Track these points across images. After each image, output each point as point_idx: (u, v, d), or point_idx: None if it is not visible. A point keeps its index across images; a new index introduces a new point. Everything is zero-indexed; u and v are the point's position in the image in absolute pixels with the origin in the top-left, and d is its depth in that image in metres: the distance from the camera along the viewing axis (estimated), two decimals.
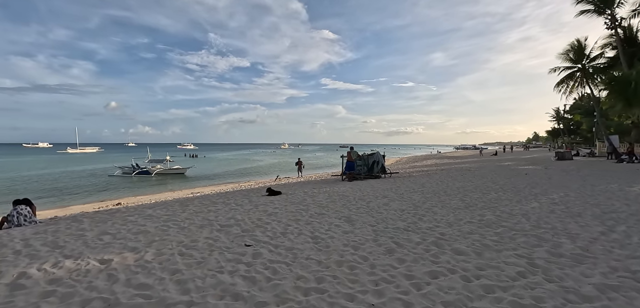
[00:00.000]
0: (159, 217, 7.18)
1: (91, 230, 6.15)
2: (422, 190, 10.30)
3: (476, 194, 9.32)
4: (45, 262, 4.47)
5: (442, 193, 9.64)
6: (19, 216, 8.23)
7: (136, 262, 4.38)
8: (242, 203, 8.74)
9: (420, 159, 46.95)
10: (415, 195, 9.31)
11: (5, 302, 3.44)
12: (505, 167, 20.56)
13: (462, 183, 11.75)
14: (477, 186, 11.00)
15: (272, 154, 78.01)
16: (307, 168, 37.03)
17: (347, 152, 14.78)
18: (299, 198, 9.22)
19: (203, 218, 6.78)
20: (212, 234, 5.56)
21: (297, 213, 7.04)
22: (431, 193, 9.56)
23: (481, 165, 24.55)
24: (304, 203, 8.23)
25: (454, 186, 11.12)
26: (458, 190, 10.07)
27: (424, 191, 10.03)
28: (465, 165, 24.79)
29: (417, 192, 9.77)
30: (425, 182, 12.42)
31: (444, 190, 10.12)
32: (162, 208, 8.46)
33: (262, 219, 6.50)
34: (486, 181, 12.33)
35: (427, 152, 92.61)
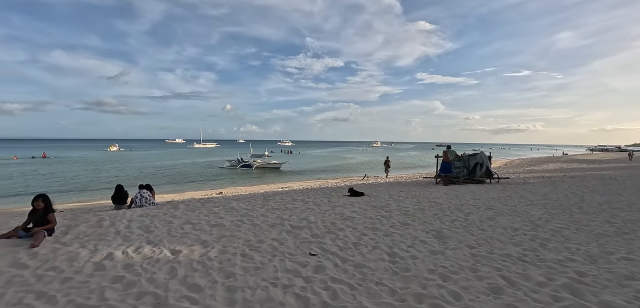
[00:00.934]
0: (239, 210, 7.29)
1: (180, 218, 6.57)
2: (544, 202, 7.96)
3: (632, 214, 6.62)
4: (130, 246, 4.79)
5: (576, 209, 7.20)
6: (142, 198, 9.68)
7: (200, 257, 4.27)
8: (320, 202, 8.27)
9: (538, 162, 38.90)
10: (533, 209, 7.19)
11: (83, 280, 3.66)
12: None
13: (606, 198, 8.70)
14: (631, 203, 7.94)
15: (363, 152, 77.50)
16: (398, 168, 35.02)
17: (443, 151, 12.87)
18: (382, 201, 8.22)
19: (277, 216, 6.53)
20: (280, 236, 5.17)
21: (376, 220, 6.12)
22: (558, 209, 7.24)
23: (633, 172, 18.55)
24: (386, 209, 7.21)
25: (594, 200, 8.29)
26: (600, 207, 7.39)
27: (546, 204, 7.71)
28: (608, 172, 19.09)
29: (536, 206, 7.56)
30: (547, 192, 9.72)
31: (578, 205, 7.59)
32: (245, 202, 8.70)
33: (336, 224, 5.82)
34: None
35: (549, 153, 76.66)
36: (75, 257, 4.45)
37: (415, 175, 23.25)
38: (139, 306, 3.07)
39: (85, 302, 3.15)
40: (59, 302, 3.18)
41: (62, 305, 3.12)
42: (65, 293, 3.37)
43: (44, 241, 5.23)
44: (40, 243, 5.10)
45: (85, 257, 4.43)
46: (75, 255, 4.51)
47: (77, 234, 5.58)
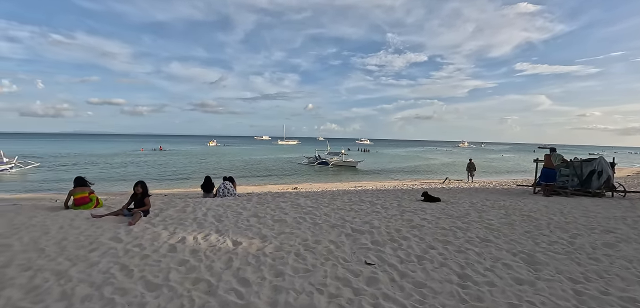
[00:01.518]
0: (304, 207, 7.31)
1: (249, 210, 6.92)
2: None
3: None
4: (201, 232, 5.19)
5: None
6: (225, 189, 10.67)
7: (256, 251, 4.33)
8: (388, 206, 7.73)
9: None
10: None
11: (157, 259, 4.07)
12: None
13: None
14: None
15: (447, 153, 71.25)
16: (487, 171, 31.05)
17: (545, 154, 10.71)
18: (460, 210, 7.21)
19: (340, 217, 6.30)
20: (338, 238, 4.93)
21: (449, 232, 5.34)
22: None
23: None
24: (464, 219, 6.27)
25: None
26: None
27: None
28: None
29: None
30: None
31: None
32: (312, 199, 8.72)
33: (401, 231, 5.28)
34: None
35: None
36: (157, 237, 5.02)
37: (508, 181, 20.19)
38: (193, 291, 3.23)
39: (152, 280, 3.46)
40: (134, 276, 3.57)
41: (135, 279, 3.49)
42: (140, 269, 3.78)
43: (140, 221, 6.09)
44: (136, 222, 5.95)
45: (164, 238, 4.95)
46: (157, 236, 5.09)
47: (164, 217, 6.34)
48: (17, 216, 6.55)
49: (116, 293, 3.16)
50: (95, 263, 3.94)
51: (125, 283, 3.39)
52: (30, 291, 3.21)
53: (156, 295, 3.15)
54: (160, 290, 3.25)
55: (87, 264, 3.91)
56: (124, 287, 3.30)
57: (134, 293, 3.18)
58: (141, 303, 2.98)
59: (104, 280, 3.45)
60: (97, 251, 4.37)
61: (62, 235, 5.09)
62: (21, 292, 3.18)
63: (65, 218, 6.25)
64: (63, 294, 3.13)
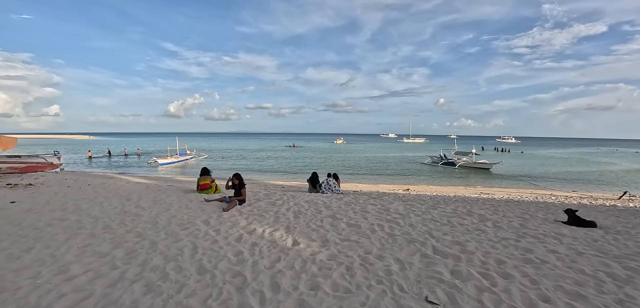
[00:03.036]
0: (391, 213, 6.41)
1: (331, 209, 6.60)
2: None
3: None
4: (272, 227, 5.23)
5: None
6: (327, 186, 10.88)
7: (309, 256, 3.97)
8: (504, 224, 5.86)
9: None
10: None
11: (222, 246, 4.32)
12: None
13: None
14: None
15: (636, 156, 51.30)
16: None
17: None
18: (627, 247, 4.70)
19: (426, 231, 5.15)
20: (409, 258, 3.97)
21: (591, 280, 3.43)
22: None
23: None
24: (627, 263, 4.00)
25: None
26: None
27: None
28: None
29: None
30: None
31: None
32: (408, 204, 7.64)
33: (505, 265, 3.77)
34: None
35: None
36: (235, 225, 5.34)
37: None
38: (228, 282, 3.27)
39: (205, 264, 3.73)
40: (195, 257, 3.93)
41: (195, 260, 3.82)
42: (204, 251, 4.10)
43: (234, 208, 6.70)
44: (229, 209, 6.57)
45: (240, 227, 5.22)
46: (236, 224, 5.41)
47: (255, 207, 6.76)
48: (160, 194, 8.35)
49: (174, 270, 3.52)
50: (180, 239, 4.52)
51: (186, 262, 3.77)
52: (129, 252, 4.06)
53: (198, 278, 3.34)
54: (204, 275, 3.43)
55: (174, 239, 4.53)
56: (182, 265, 3.66)
57: (185, 272, 3.50)
58: (183, 284, 3.22)
59: (175, 255, 3.98)
60: (187, 230, 4.99)
61: (175, 212, 6.10)
62: (123, 251, 4.08)
63: (188, 199, 7.53)
64: (144, 262, 3.77)
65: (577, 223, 6.00)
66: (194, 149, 42.70)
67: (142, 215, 5.93)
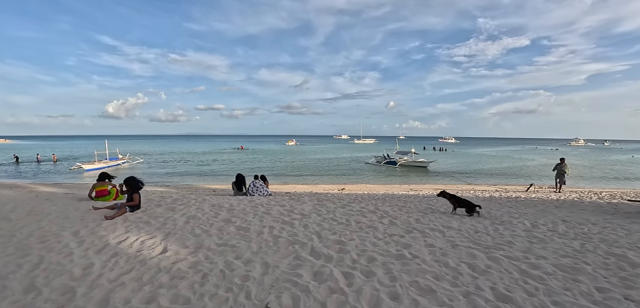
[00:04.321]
0: (293, 214, 6.12)
1: (232, 212, 6.12)
2: None
3: None
4: (146, 236, 4.57)
5: None
6: (254, 188, 10.35)
7: (170, 265, 3.49)
8: (402, 220, 5.89)
9: None
10: None
11: (72, 259, 3.69)
12: None
13: None
14: None
15: (551, 153, 58.57)
16: (596, 178, 23.97)
17: None
18: (503, 236, 4.96)
19: (317, 230, 4.91)
20: (279, 260, 3.66)
21: (442, 276, 3.44)
22: None
23: None
24: (495, 252, 4.14)
25: None
26: None
27: None
28: None
29: None
30: None
31: None
32: (325, 203, 7.46)
33: (376, 261, 3.60)
34: None
35: None
36: (108, 234, 4.62)
37: (625, 191, 14.78)
38: (50, 301, 2.85)
39: (39, 281, 3.17)
40: (34, 271, 3.35)
41: (31, 276, 3.22)
42: (49, 266, 3.54)
43: (122, 216, 5.89)
44: (113, 217, 5.75)
45: (113, 236, 4.54)
46: (110, 233, 4.70)
47: (146, 214, 6.02)
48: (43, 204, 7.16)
49: None
50: (28, 254, 3.96)
51: (16, 281, 3.18)
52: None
53: (19, 298, 2.86)
54: (28, 294, 2.93)
55: (22, 254, 3.98)
56: (8, 284, 3.08)
57: (6, 292, 2.93)
58: None
59: (9, 272, 3.33)
60: (45, 243, 4.32)
61: (46, 224, 5.21)
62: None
63: (74, 208, 6.51)
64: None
65: (461, 206, 6.35)
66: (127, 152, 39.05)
67: (2, 228, 4.94)
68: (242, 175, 10.78)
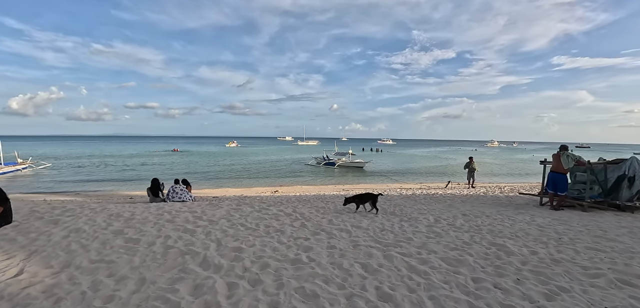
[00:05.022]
0: (208, 218, 5.67)
1: (130, 222, 5.41)
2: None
3: None
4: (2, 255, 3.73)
5: None
6: (173, 193, 9.47)
7: (19, 290, 2.78)
8: (313, 224, 5.89)
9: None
10: None
11: None
12: None
13: None
14: None
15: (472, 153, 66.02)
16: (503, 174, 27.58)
17: (553, 154, 8.20)
18: (393, 225, 5.22)
19: (220, 237, 4.59)
20: (156, 277, 3.25)
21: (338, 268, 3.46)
22: None
23: None
24: (344, 254, 4.33)
25: None
26: None
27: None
28: None
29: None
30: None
31: None
32: (240, 207, 7.08)
33: (251, 267, 3.48)
34: None
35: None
36: None
37: (523, 185, 17.20)
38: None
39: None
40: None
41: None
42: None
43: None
44: None
45: None
46: None
47: (18, 228, 4.99)
48: None
49: None
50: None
51: None
52: None
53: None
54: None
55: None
56: None
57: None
58: None
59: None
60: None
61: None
62: None
63: None
64: None
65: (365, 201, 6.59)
66: (30, 156, 33.39)
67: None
68: (158, 180, 9.87)
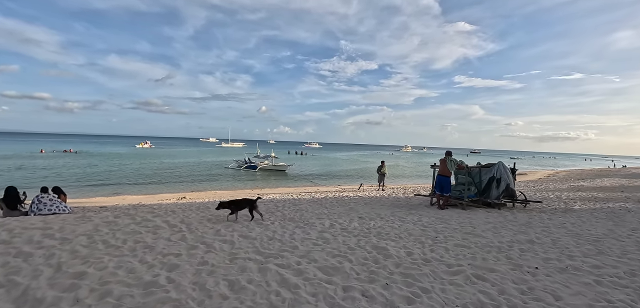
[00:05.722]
0: (68, 232, 4.58)
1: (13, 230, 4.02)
2: (598, 263, 4.14)
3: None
4: None
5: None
6: (40, 204, 7.72)
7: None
8: (193, 231, 5.31)
9: (589, 175, 32.02)
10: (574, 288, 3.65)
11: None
12: None
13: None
14: None
15: (388, 157, 72.17)
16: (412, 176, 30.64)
17: (440, 159, 9.19)
18: (287, 231, 5.04)
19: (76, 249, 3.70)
20: None
21: None
22: (629, 272, 3.71)
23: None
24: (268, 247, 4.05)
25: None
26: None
27: (602, 270, 3.97)
28: None
29: (582, 274, 3.95)
30: (603, 235, 5.67)
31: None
32: (120, 215, 6.01)
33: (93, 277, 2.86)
34: None
35: (603, 165, 64.11)
36: None
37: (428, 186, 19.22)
38: None
39: None
40: None
41: None
42: None
43: None
44: None
45: None
46: None
47: None
48: None
49: None
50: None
51: None
52: None
53: None
54: None
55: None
56: None
57: None
58: None
59: None
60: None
61: None
62: None
63: None
64: None
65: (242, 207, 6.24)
66: None
67: None
68: (15, 188, 7.96)
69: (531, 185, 20.16)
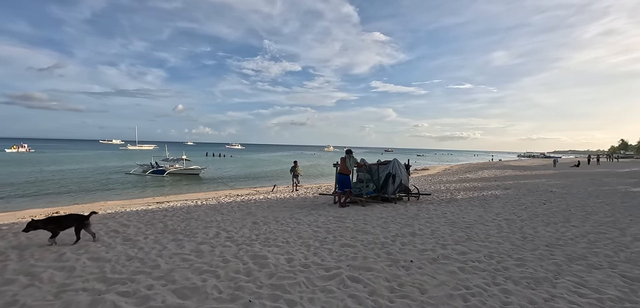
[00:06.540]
0: None
1: None
2: (464, 249, 4.61)
3: (602, 263, 3.64)
4: None
5: (513, 262, 4.04)
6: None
7: None
8: None
9: (475, 168, 38.12)
10: (444, 269, 3.91)
11: None
12: (612, 186, 12.78)
13: (552, 230, 5.71)
14: (591, 239, 5.04)
15: (311, 157, 73.67)
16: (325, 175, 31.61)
17: (341, 158, 9.46)
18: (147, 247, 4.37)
19: None
20: None
21: None
22: (486, 261, 4.10)
23: (566, 181, 16.78)
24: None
25: (539, 236, 5.27)
26: (550, 253, 4.33)
27: (467, 254, 4.38)
28: (541, 180, 17.44)
29: (451, 262, 4.29)
30: (474, 221, 6.50)
31: (517, 254, 4.39)
32: None
33: None
34: (608, 224, 6.13)
35: (485, 159, 79.39)
36: None
37: None
38: None
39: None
40: None
41: None
42: None
43: None
44: None
45: None
46: None
47: None
48: None
49: None
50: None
51: None
52: None
53: None
54: None
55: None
56: None
57: None
58: None
59: None
60: None
61: None
62: None
63: None
64: None
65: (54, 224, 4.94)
66: None
67: None
68: None
69: (429, 179, 22.66)
